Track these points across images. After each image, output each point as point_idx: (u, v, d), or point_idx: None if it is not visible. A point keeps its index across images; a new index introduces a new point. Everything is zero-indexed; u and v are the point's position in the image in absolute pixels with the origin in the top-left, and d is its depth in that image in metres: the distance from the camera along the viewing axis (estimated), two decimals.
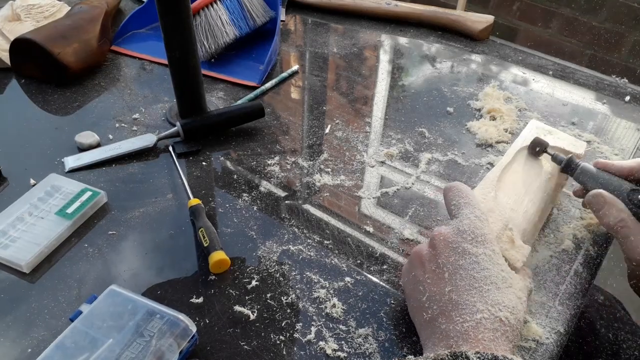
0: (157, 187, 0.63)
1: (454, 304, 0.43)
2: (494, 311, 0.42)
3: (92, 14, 0.83)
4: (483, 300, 0.42)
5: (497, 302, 0.43)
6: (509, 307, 0.43)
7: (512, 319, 0.42)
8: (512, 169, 0.58)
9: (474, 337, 0.41)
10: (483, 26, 0.96)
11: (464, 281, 0.44)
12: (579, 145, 0.61)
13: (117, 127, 0.72)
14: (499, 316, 0.42)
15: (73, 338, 0.43)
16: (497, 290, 0.43)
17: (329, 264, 0.55)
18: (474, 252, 0.45)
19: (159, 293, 0.51)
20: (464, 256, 0.45)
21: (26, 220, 0.56)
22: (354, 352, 0.47)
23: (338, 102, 0.81)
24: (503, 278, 0.44)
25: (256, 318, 0.49)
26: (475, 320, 0.42)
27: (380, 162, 0.69)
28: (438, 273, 0.45)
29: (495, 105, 0.79)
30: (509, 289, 0.44)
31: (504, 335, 0.42)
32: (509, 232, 0.50)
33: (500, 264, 0.45)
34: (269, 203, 0.62)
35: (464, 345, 0.41)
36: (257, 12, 0.87)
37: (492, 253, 0.45)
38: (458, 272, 0.44)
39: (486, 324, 0.41)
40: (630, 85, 0.88)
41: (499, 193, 0.55)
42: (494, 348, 0.40)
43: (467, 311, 0.42)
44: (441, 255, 0.46)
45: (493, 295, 0.43)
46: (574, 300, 0.53)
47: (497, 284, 0.44)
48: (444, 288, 0.44)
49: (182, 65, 0.66)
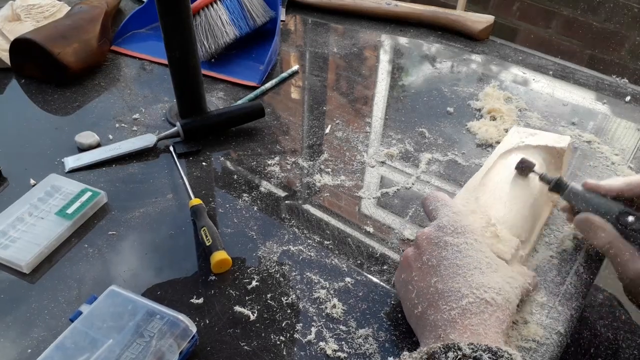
0: (157, 188, 0.63)
1: (440, 294, 0.44)
2: (478, 294, 0.43)
3: (92, 14, 0.83)
4: (467, 284, 0.43)
5: (482, 284, 0.43)
6: (495, 288, 0.44)
7: (499, 299, 0.43)
8: (494, 173, 0.58)
9: (462, 324, 0.42)
10: (483, 26, 0.96)
11: (447, 270, 0.44)
12: (563, 140, 0.62)
13: (117, 127, 0.72)
14: (484, 298, 0.43)
15: (73, 338, 0.43)
16: (481, 274, 0.44)
17: (329, 264, 0.55)
18: (455, 242, 0.46)
19: (159, 293, 0.51)
20: (446, 248, 0.46)
21: (26, 220, 0.56)
22: (354, 353, 0.47)
23: (338, 102, 0.81)
24: (487, 263, 0.45)
25: (256, 318, 0.49)
26: (461, 306, 0.42)
27: (380, 162, 0.69)
28: (424, 269, 0.46)
29: (496, 105, 0.79)
30: (494, 273, 0.45)
31: (492, 316, 0.42)
32: (492, 228, 0.51)
33: (484, 251, 0.46)
34: (269, 203, 0.62)
35: (452, 333, 0.41)
36: (257, 12, 0.87)
37: (474, 242, 0.46)
38: (442, 263, 0.45)
39: (472, 308, 0.42)
40: (631, 85, 0.88)
41: (481, 196, 0.55)
42: (482, 332, 0.41)
43: (453, 298, 0.43)
44: (425, 252, 0.47)
45: (477, 279, 0.44)
46: (574, 301, 0.53)
47: (481, 268, 0.45)
48: (430, 280, 0.45)
49: (182, 65, 0.66)
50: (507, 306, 0.44)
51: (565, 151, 0.60)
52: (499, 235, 0.51)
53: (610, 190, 0.53)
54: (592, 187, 0.54)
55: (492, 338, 0.41)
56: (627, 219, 0.51)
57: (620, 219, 0.51)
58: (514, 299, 0.45)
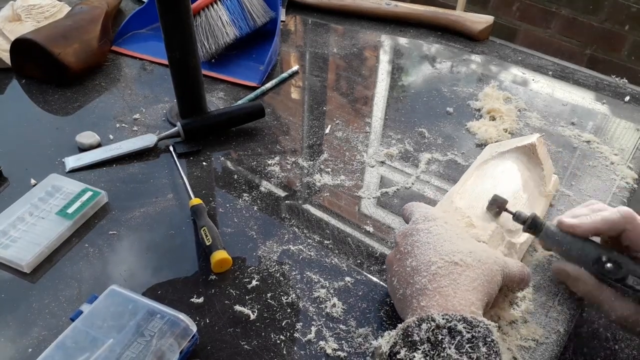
0: (157, 187, 0.63)
1: (414, 269, 0.45)
2: (447, 259, 0.44)
3: (93, 15, 0.84)
4: (437, 253, 0.45)
5: (451, 250, 0.45)
6: (464, 252, 0.44)
7: (468, 260, 0.44)
8: (470, 183, 0.59)
9: (431, 288, 0.42)
10: (483, 26, 0.97)
11: (420, 249, 0.46)
12: (531, 137, 0.62)
13: (118, 127, 0.72)
14: (452, 260, 0.44)
15: (74, 338, 0.43)
16: (451, 243, 0.45)
17: (329, 263, 0.55)
18: (425, 227, 0.48)
19: (159, 293, 0.51)
20: (418, 233, 0.47)
21: (27, 220, 0.56)
22: (354, 352, 0.47)
23: (338, 102, 0.81)
24: (458, 237, 0.46)
25: (256, 318, 0.50)
26: (431, 272, 0.43)
27: (380, 162, 0.69)
28: (400, 257, 0.47)
29: (495, 106, 0.79)
30: (464, 242, 0.46)
31: (461, 276, 0.43)
32: (467, 219, 0.52)
33: (455, 230, 0.47)
34: (269, 203, 0.62)
35: (423, 300, 0.42)
36: (258, 12, 0.87)
37: (444, 224, 0.48)
38: (414, 245, 0.47)
39: (441, 271, 0.43)
40: (630, 85, 0.88)
41: (458, 201, 0.56)
42: (451, 292, 0.42)
43: (424, 268, 0.44)
44: (401, 244, 0.48)
45: (447, 247, 0.45)
46: (574, 300, 0.53)
47: (452, 240, 0.46)
48: (406, 262, 0.46)
49: (182, 66, 0.67)
50: (479, 266, 0.44)
51: (535, 145, 0.61)
52: (474, 223, 0.52)
53: (587, 231, 0.50)
54: (567, 228, 0.51)
55: (462, 296, 0.41)
56: (605, 266, 0.48)
57: (597, 266, 0.49)
58: (490, 261, 0.45)
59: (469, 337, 0.38)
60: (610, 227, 0.49)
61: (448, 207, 0.55)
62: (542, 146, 0.62)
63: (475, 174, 0.60)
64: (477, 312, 0.41)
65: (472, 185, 0.58)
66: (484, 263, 0.44)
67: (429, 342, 0.38)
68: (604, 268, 0.48)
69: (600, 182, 0.68)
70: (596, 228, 0.50)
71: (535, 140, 0.61)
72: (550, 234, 0.51)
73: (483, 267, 0.44)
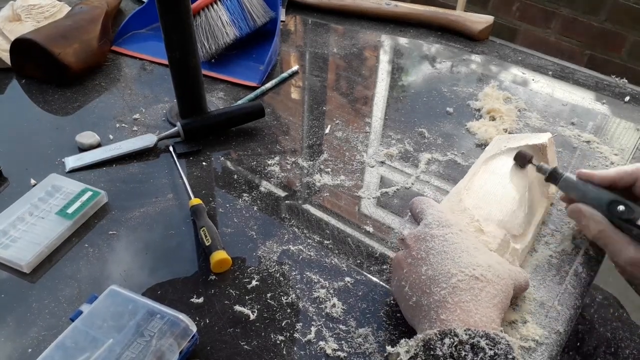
0: (157, 187, 0.63)
1: (431, 279, 0.44)
2: (467, 272, 0.43)
3: (93, 15, 0.84)
4: (456, 266, 0.44)
5: (470, 263, 0.44)
6: (484, 265, 0.44)
7: (489, 275, 0.44)
8: (477, 178, 0.59)
9: (452, 301, 0.42)
10: (483, 26, 0.97)
11: (436, 257, 0.45)
12: (543, 136, 0.62)
13: (118, 127, 0.72)
14: (473, 274, 0.43)
15: (73, 338, 0.43)
16: (469, 255, 0.45)
17: (329, 264, 0.55)
18: (441, 234, 0.47)
19: (159, 293, 0.51)
20: (432, 239, 0.47)
21: (27, 220, 0.56)
22: (354, 352, 0.47)
23: (338, 102, 0.81)
24: (474, 247, 0.46)
25: (256, 318, 0.49)
26: (451, 285, 0.43)
27: (380, 162, 0.69)
28: (413, 262, 0.47)
29: (495, 106, 0.79)
30: (482, 254, 0.46)
31: (482, 291, 0.43)
32: (476, 223, 0.52)
33: (469, 239, 0.47)
34: (269, 203, 0.62)
35: (443, 313, 0.41)
36: (257, 12, 0.87)
37: (459, 232, 0.47)
38: (430, 252, 0.46)
39: (461, 285, 0.43)
40: (630, 85, 0.88)
41: (465, 198, 0.56)
42: (473, 308, 0.41)
43: (443, 279, 0.43)
44: (413, 248, 0.48)
45: (466, 260, 0.44)
46: (574, 300, 0.53)
47: (469, 251, 0.45)
48: (421, 269, 0.45)
49: (182, 66, 0.67)
50: (498, 281, 0.44)
51: (546, 146, 0.61)
52: (483, 229, 0.52)
53: (603, 180, 0.54)
54: (585, 177, 0.55)
55: (483, 313, 0.41)
56: (617, 208, 0.52)
57: (611, 208, 0.52)
58: (506, 276, 0.45)
59: (491, 355, 0.38)
60: (624, 177, 0.53)
61: (456, 205, 0.55)
62: (552, 147, 0.63)
63: (482, 169, 0.60)
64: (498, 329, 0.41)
65: (479, 183, 0.58)
66: (502, 279, 0.44)
67: (452, 358, 0.38)
68: (617, 210, 0.52)
69: None
70: (612, 177, 0.53)
71: (547, 141, 0.61)
72: (569, 182, 0.56)
73: (501, 282, 0.44)
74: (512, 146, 0.62)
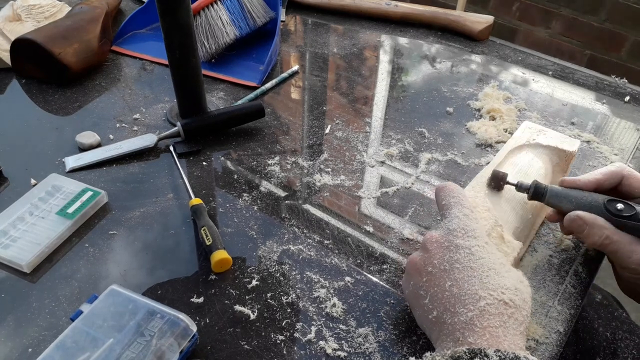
0: (157, 187, 0.63)
1: (456, 297, 0.42)
2: (496, 295, 0.42)
3: (93, 14, 0.84)
4: (484, 287, 0.42)
5: (499, 285, 0.42)
6: (511, 289, 0.42)
7: (517, 300, 0.42)
8: (504, 168, 0.58)
9: (480, 326, 0.40)
10: (483, 26, 0.97)
11: (462, 273, 0.43)
12: (573, 144, 0.60)
13: (118, 127, 0.72)
14: (502, 299, 0.42)
15: (74, 338, 0.43)
16: (497, 275, 0.43)
17: (329, 263, 0.55)
18: (466, 246, 0.45)
19: (159, 293, 0.51)
20: (457, 251, 0.44)
21: (27, 220, 0.56)
22: (354, 352, 0.47)
23: (338, 102, 0.81)
24: (501, 264, 0.44)
25: (256, 318, 0.50)
26: (479, 308, 0.41)
27: (380, 162, 0.70)
28: (435, 273, 0.45)
29: (495, 106, 0.79)
30: (509, 273, 0.44)
31: (511, 318, 0.41)
32: (499, 229, 0.50)
33: (495, 253, 0.45)
34: (269, 203, 0.62)
35: (470, 336, 0.40)
36: (258, 12, 0.87)
37: (485, 245, 0.45)
38: (454, 266, 0.44)
39: (490, 309, 0.41)
40: (630, 85, 0.88)
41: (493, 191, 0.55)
42: (502, 334, 0.40)
43: (470, 300, 0.42)
44: (435, 255, 0.45)
45: (493, 280, 0.43)
46: (574, 300, 0.53)
47: (496, 269, 0.43)
48: (444, 284, 0.43)
49: (182, 66, 0.67)
50: (524, 306, 0.43)
51: (574, 155, 0.60)
52: (504, 237, 0.50)
53: (589, 183, 0.52)
54: (570, 184, 0.53)
55: (511, 341, 0.40)
56: (616, 206, 0.49)
57: (609, 208, 0.49)
58: (529, 299, 0.44)
59: None
60: (610, 177, 0.52)
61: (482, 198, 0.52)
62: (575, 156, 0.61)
63: (507, 161, 0.58)
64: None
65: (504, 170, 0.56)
66: (527, 302, 0.43)
67: None
68: (616, 208, 0.49)
69: None
70: (597, 179, 0.52)
71: (576, 150, 0.60)
72: (556, 194, 0.53)
73: (526, 307, 0.43)
74: (542, 142, 0.60)
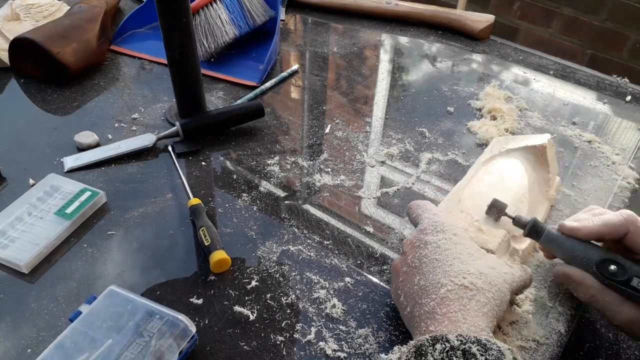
0: (156, 187, 0.63)
1: (423, 289, 0.44)
2: (457, 281, 0.43)
3: (92, 14, 0.83)
4: (446, 275, 0.43)
5: (461, 272, 0.43)
6: (475, 273, 0.43)
7: (479, 282, 0.43)
8: (476, 180, 0.58)
9: (440, 313, 0.42)
10: (483, 25, 0.96)
11: (428, 266, 0.45)
12: (542, 138, 0.61)
13: (117, 126, 0.72)
14: (462, 284, 0.43)
15: (72, 338, 0.43)
16: (461, 263, 0.44)
17: (329, 264, 0.55)
18: (434, 240, 0.46)
19: (158, 293, 0.51)
20: (426, 246, 0.46)
21: (25, 220, 0.56)
22: (354, 353, 0.47)
23: (338, 101, 0.81)
24: (468, 253, 0.45)
25: (256, 318, 0.49)
26: (440, 296, 0.42)
27: (380, 162, 0.69)
28: (408, 271, 0.47)
29: (496, 105, 0.78)
30: (475, 260, 0.45)
31: (472, 301, 0.42)
32: (476, 223, 0.51)
33: (464, 244, 0.46)
34: (268, 203, 0.62)
35: (432, 325, 0.41)
36: (257, 11, 0.87)
37: (453, 236, 0.46)
38: (422, 261, 0.46)
39: (450, 295, 0.42)
40: (631, 85, 0.88)
41: (465, 200, 0.55)
42: (461, 318, 0.41)
43: (433, 290, 0.43)
44: (408, 255, 0.47)
45: (457, 268, 0.44)
46: (575, 301, 0.53)
47: (461, 258, 0.45)
48: (414, 279, 0.45)
49: (181, 65, 0.66)
50: (490, 289, 0.43)
51: (546, 147, 0.60)
52: (483, 229, 0.51)
53: (590, 235, 0.49)
54: (569, 231, 0.50)
55: (472, 323, 0.41)
56: (609, 268, 0.47)
57: (601, 269, 0.47)
58: (500, 282, 0.44)
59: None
60: (613, 230, 0.48)
61: (454, 207, 0.54)
62: (552, 148, 0.61)
63: (481, 170, 0.59)
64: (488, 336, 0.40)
65: (478, 184, 0.57)
66: (494, 285, 0.43)
67: None
68: (608, 270, 0.47)
69: (601, 182, 0.68)
70: (598, 231, 0.49)
71: (547, 142, 0.60)
72: (551, 238, 0.50)
73: (493, 289, 0.43)
74: (511, 147, 0.61)
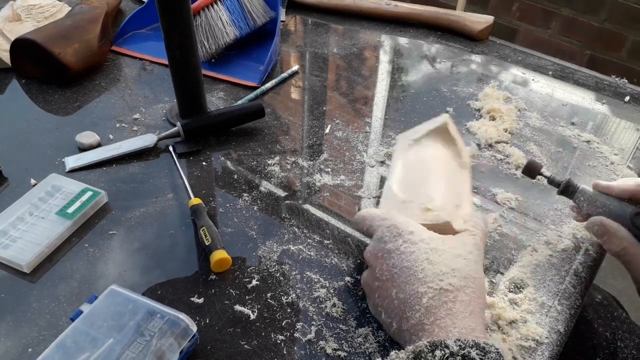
0: (157, 187, 0.63)
1: (404, 303, 0.43)
2: (434, 285, 0.43)
3: (93, 14, 0.84)
4: (422, 282, 0.43)
5: (435, 274, 0.43)
6: (448, 272, 0.43)
7: (455, 281, 0.43)
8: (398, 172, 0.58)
9: (429, 323, 0.42)
10: (483, 26, 0.97)
11: (401, 277, 0.44)
12: (440, 119, 0.62)
13: (118, 127, 0.72)
14: (440, 287, 0.42)
15: (74, 338, 0.43)
16: (430, 264, 0.44)
17: (329, 263, 0.55)
18: (395, 247, 0.46)
19: (159, 293, 0.51)
20: (390, 256, 0.46)
21: (27, 220, 0.56)
22: (354, 352, 0.47)
23: (338, 102, 0.81)
24: (432, 249, 0.45)
25: (256, 317, 0.50)
26: (424, 306, 0.42)
27: (380, 162, 0.69)
28: (381, 285, 0.46)
29: (495, 106, 0.79)
30: (442, 255, 0.44)
31: (456, 302, 0.42)
32: (421, 206, 0.51)
33: (424, 239, 0.46)
34: (269, 203, 0.62)
35: (423, 336, 0.41)
36: (258, 12, 0.87)
37: (410, 236, 0.46)
38: (393, 271, 0.45)
39: (434, 303, 0.42)
40: (630, 85, 0.88)
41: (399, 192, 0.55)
42: (450, 323, 0.41)
43: (414, 301, 0.43)
44: (375, 268, 0.47)
45: (429, 272, 0.43)
46: (574, 300, 0.53)
47: (429, 258, 0.44)
48: (391, 293, 0.45)
49: (182, 66, 0.67)
50: (467, 283, 0.43)
51: (447, 125, 0.61)
52: (429, 207, 0.51)
53: (623, 192, 0.51)
54: (603, 189, 0.52)
55: (462, 325, 0.41)
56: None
57: (635, 221, 0.49)
58: (473, 268, 0.44)
59: None
60: None
61: (394, 201, 0.54)
62: (452, 123, 0.63)
63: (401, 164, 0.59)
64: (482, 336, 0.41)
65: (404, 175, 0.57)
66: (469, 277, 0.44)
67: None
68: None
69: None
70: (632, 190, 0.51)
71: (446, 120, 0.62)
72: (586, 196, 0.52)
73: (470, 282, 0.43)
74: (416, 137, 0.62)
